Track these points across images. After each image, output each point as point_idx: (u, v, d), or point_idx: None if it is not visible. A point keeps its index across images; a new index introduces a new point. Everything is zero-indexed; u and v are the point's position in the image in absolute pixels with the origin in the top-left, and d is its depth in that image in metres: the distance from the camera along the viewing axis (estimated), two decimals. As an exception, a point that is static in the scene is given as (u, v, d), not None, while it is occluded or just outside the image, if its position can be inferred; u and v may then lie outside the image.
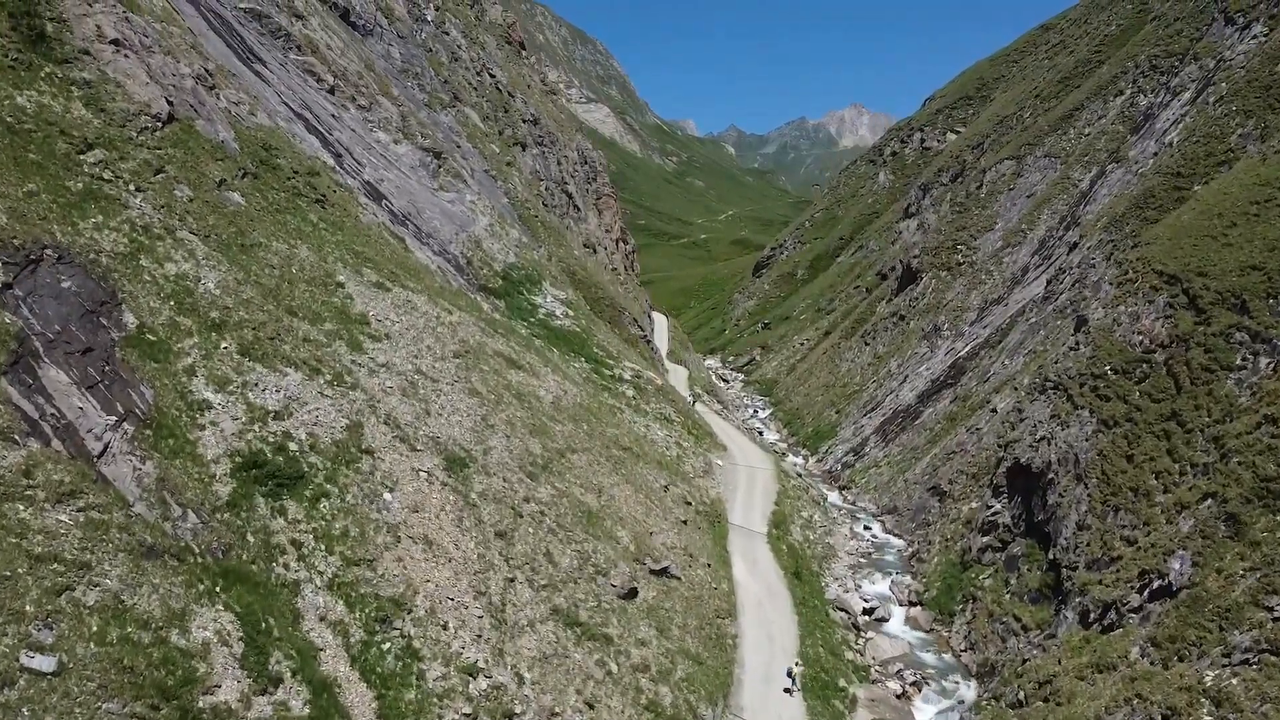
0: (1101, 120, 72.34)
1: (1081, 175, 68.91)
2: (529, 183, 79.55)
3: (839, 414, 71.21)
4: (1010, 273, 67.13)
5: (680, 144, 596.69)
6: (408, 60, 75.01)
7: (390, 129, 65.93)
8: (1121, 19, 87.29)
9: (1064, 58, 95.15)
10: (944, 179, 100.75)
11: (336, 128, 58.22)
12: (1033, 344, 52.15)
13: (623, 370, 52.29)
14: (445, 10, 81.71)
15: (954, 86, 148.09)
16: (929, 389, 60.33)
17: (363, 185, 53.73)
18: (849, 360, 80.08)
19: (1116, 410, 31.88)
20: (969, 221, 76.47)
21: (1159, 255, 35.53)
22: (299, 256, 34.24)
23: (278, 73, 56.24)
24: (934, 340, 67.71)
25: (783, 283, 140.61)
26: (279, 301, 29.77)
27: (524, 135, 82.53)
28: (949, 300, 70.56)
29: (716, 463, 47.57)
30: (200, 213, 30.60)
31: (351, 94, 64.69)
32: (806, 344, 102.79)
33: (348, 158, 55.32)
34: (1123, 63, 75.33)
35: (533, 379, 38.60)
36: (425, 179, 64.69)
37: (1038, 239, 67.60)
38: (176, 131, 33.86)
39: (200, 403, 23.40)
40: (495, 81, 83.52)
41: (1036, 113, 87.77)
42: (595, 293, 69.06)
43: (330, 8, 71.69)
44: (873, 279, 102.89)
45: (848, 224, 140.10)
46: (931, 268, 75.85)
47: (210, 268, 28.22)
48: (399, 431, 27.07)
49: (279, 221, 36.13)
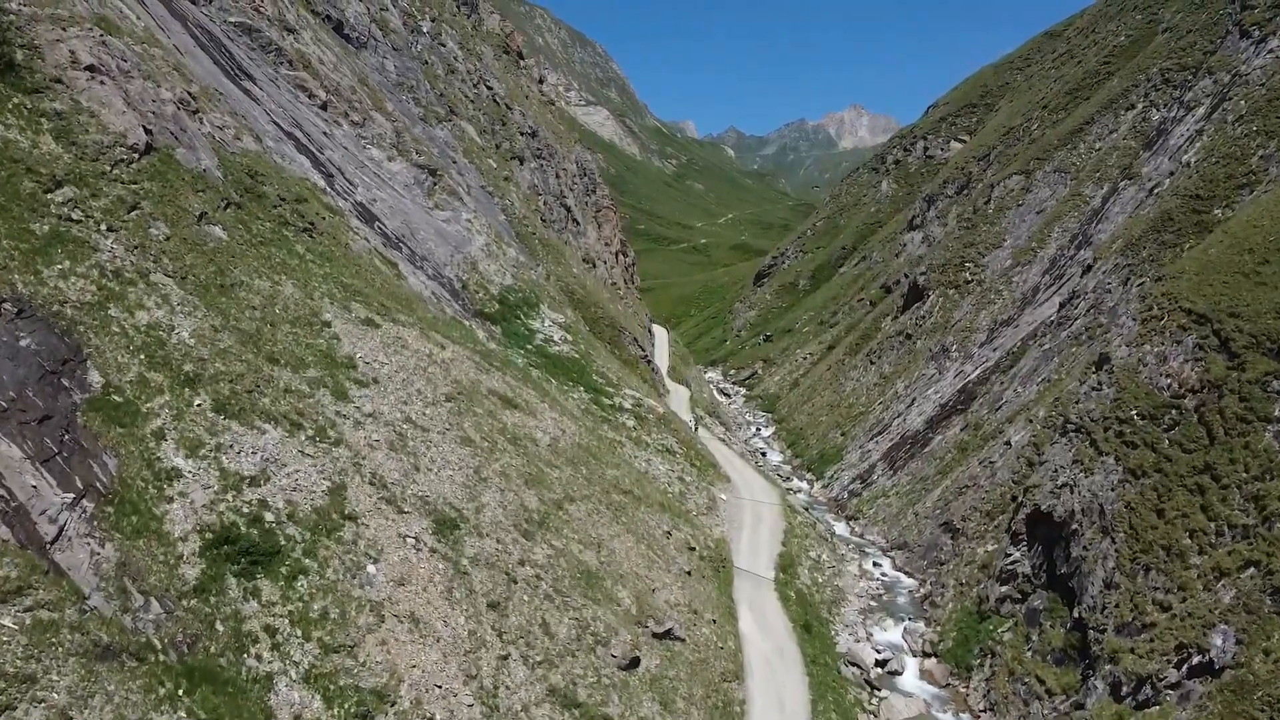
0: (1113, 135, 70.66)
1: (1093, 192, 67.23)
2: (527, 198, 77.87)
3: (844, 436, 69.50)
4: (1020, 292, 65.44)
5: (680, 146, 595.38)
6: (403, 73, 73.36)
7: (384, 145, 64.31)
8: (1131, 29, 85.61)
9: (1071, 68, 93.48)
10: (949, 190, 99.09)
11: (328, 146, 56.58)
12: (1046, 371, 50.48)
13: (623, 399, 50.61)
14: (441, 21, 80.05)
15: (957, 94, 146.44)
16: (938, 414, 58.65)
17: (355, 207, 52.07)
18: (854, 379, 78.36)
19: (1144, 459, 30.19)
20: (977, 238, 74.77)
21: (1186, 291, 33.86)
22: (283, 295, 32.52)
23: (268, 89, 54.59)
24: (942, 361, 66.03)
25: (784, 293, 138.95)
26: (259, 348, 28.06)
27: (522, 148, 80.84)
28: (957, 320, 68.89)
29: (720, 497, 45.89)
30: (177, 252, 28.90)
31: (344, 110, 63.08)
32: (809, 358, 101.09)
33: (339, 178, 53.67)
34: (1133, 75, 73.67)
35: (529, 419, 36.88)
36: (420, 197, 63.05)
37: (1048, 257, 65.92)
38: (155, 163, 32.19)
39: (169, 471, 21.71)
40: (492, 94, 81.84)
41: (1044, 125, 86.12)
42: (594, 312, 67.36)
43: (323, 20, 70.11)
44: (877, 292, 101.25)
45: (850, 233, 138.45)
46: (939, 285, 74.16)
47: (186, 314, 26.54)
48: (385, 492, 25.38)
49: (263, 255, 34.42)
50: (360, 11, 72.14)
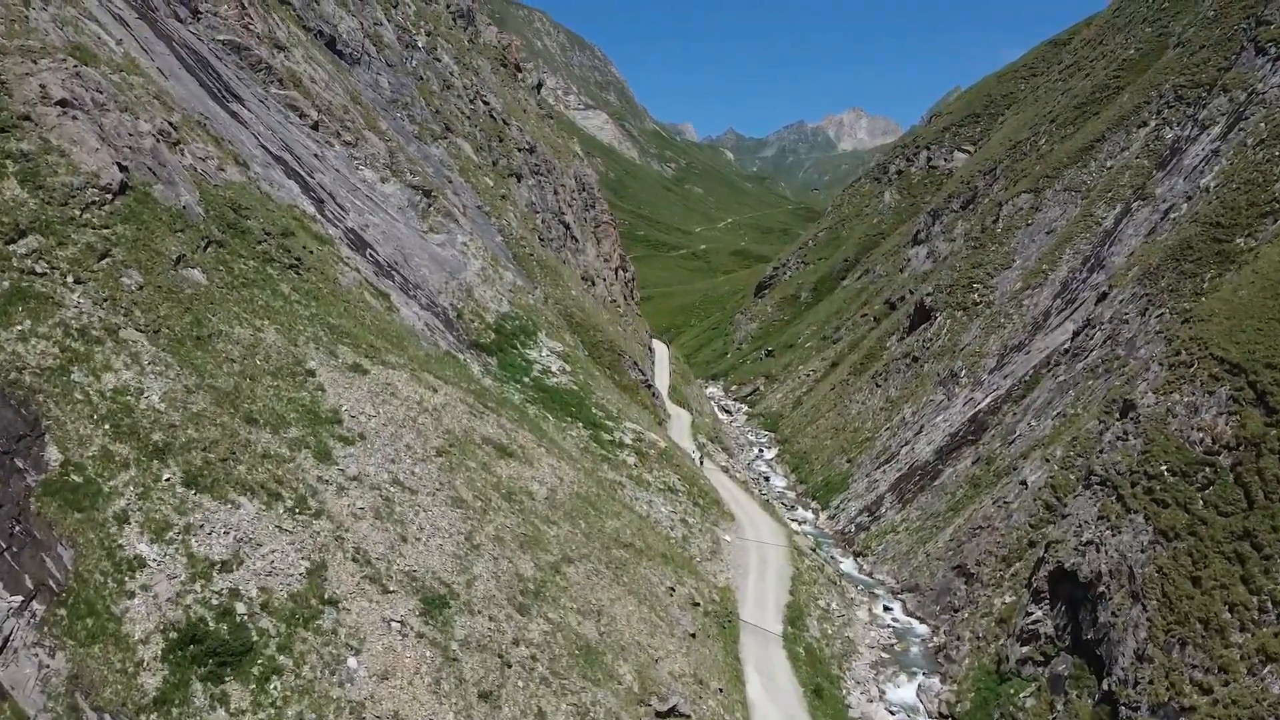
0: (1124, 153, 68.98)
1: (1105, 212, 65.54)
2: (524, 216, 76.15)
3: (850, 463, 67.78)
4: (1031, 316, 63.73)
5: (679, 150, 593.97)
6: (397, 90, 71.65)
7: (377, 166, 62.61)
8: (1140, 42, 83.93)
9: (1079, 80, 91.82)
10: (954, 205, 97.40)
11: (319, 169, 54.86)
12: (1062, 405, 48.78)
13: (623, 433, 48.89)
14: (437, 35, 78.35)
15: (960, 103, 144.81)
16: (947, 444, 56.96)
17: (345, 234, 50.33)
18: (859, 402, 76.62)
19: (1177, 520, 28.47)
20: (985, 258, 73.07)
21: (1217, 337, 32.15)
22: (265, 343, 30.73)
23: (257, 110, 52.85)
24: (950, 387, 64.32)
25: (786, 305, 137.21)
26: (237, 407, 26.29)
27: (519, 165, 79.13)
28: (966, 343, 67.19)
29: (724, 539, 44.17)
30: (151, 302, 27.14)
31: (336, 129, 61.39)
32: (812, 375, 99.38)
33: (330, 203, 51.94)
34: (1145, 92, 71.98)
35: (525, 468, 35.14)
36: (414, 220, 61.35)
37: (1059, 280, 64.22)
38: (130, 203, 30.45)
39: (131, 560, 19.97)
40: (489, 109, 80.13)
41: (1052, 139, 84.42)
42: (594, 336, 65.65)
43: (315, 36, 68.42)
44: (881, 307, 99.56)
45: (852, 245, 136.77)
46: (946, 307, 72.45)
47: (157, 374, 24.79)
48: (369, 569, 23.63)
49: (245, 299, 32.65)
50: (353, 27, 70.45)
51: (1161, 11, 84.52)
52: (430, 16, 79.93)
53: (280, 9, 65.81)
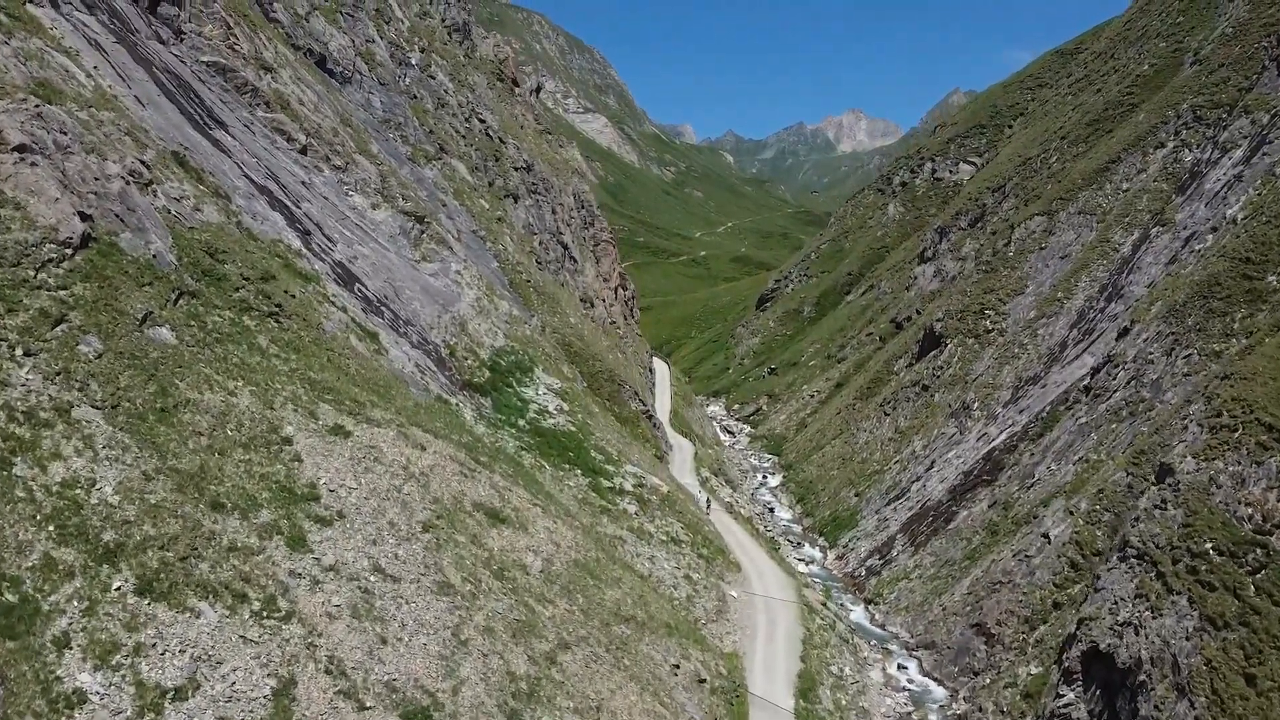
0: (1141, 175, 66.73)
1: (1122, 238, 63.30)
2: (522, 239, 73.91)
3: (858, 497, 65.51)
4: (1046, 347, 61.47)
5: (678, 153, 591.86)
6: (389, 110, 69.38)
7: (368, 191, 60.34)
8: (1154, 58, 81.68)
9: (1091, 96, 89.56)
10: (962, 223, 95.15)
11: (306, 197, 52.55)
12: (1084, 449, 46.52)
13: (623, 478, 46.63)
14: (432, 52, 76.06)
15: (966, 114, 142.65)
16: (961, 483, 54.70)
17: (333, 268, 48.05)
18: (866, 431, 74.33)
19: (1226, 606, 26.22)
20: (997, 283, 70.79)
21: (1263, 400, 29.90)
22: (237, 409, 28.35)
23: (241, 136, 50.56)
24: (963, 420, 62.04)
25: (788, 320, 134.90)
26: (202, 492, 23.95)
27: (516, 185, 76.86)
28: (978, 374, 64.91)
29: (731, 594, 41.91)
30: (110, 372, 24.79)
31: (325, 154, 59.13)
32: (817, 396, 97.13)
33: (316, 235, 49.63)
34: (1162, 111, 69.75)
35: (519, 535, 32.85)
36: (406, 248, 59.11)
37: (1075, 309, 61.96)
38: (92, 257, 28.11)
39: (70, 696, 17.64)
40: (485, 127, 77.88)
41: (1064, 157, 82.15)
42: (593, 366, 63.39)
43: (305, 55, 66.16)
44: (887, 326, 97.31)
45: (856, 258, 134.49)
46: (957, 334, 70.17)
47: (112, 460, 22.48)
48: (344, 681, 21.33)
49: (218, 357, 30.27)
50: (344, 45, 68.17)
51: (1176, 26, 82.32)
52: (424, 32, 77.69)
53: (268, 28, 63.60)
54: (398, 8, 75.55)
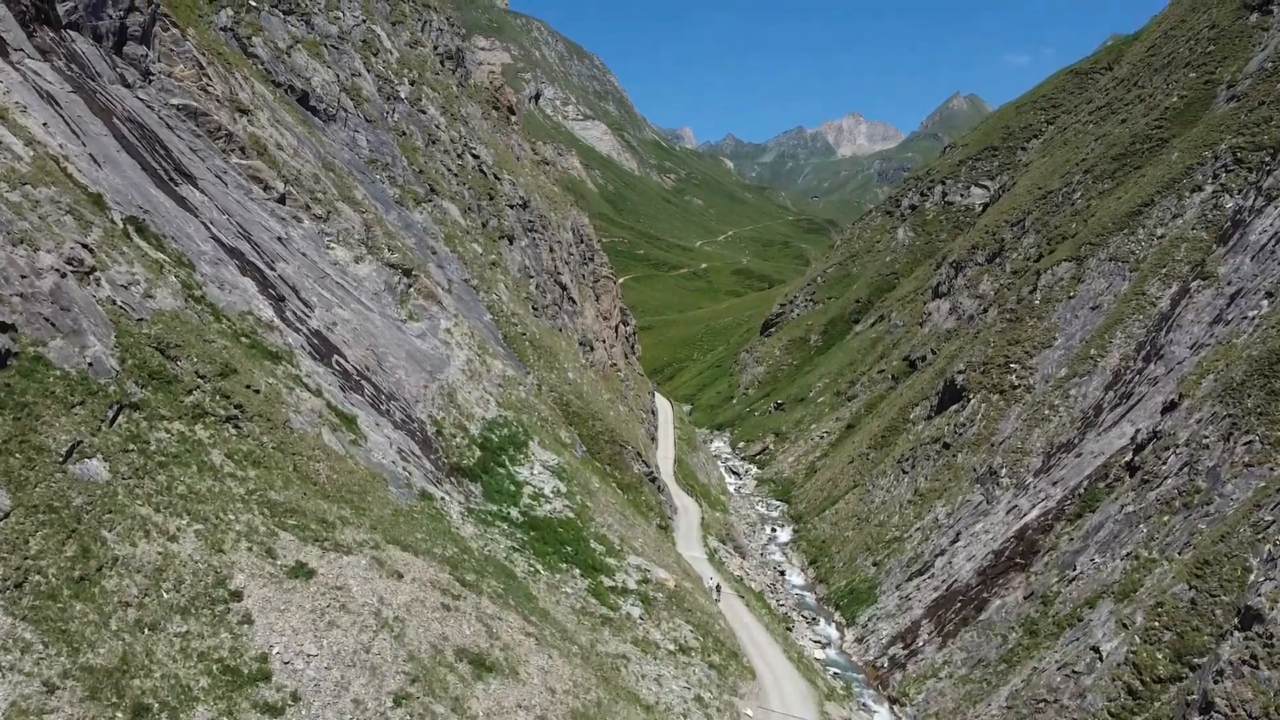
0: (1177, 221, 62.54)
1: (1160, 291, 59.08)
2: (517, 284, 69.70)
3: (877, 567, 61.26)
4: (1080, 409, 57.23)
5: (678, 160, 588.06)
6: (376, 149, 65.20)
7: (351, 243, 56.15)
8: (1184, 89, 77.50)
9: (1115, 126, 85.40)
10: (979, 257, 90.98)
11: (282, 255, 48.31)
12: (1132, 543, 42.31)
13: (626, 574, 42.42)
14: (422, 84, 71.84)
15: (976, 135, 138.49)
16: (991, 564, 50.52)
17: (308, 339, 43.79)
18: (883, 489, 70.10)
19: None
20: (1022, 334, 66.56)
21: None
22: (178, 560, 23.96)
23: (212, 190, 46.32)
24: (990, 488, 57.85)
25: (794, 349, 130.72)
26: (122, 694, 19.59)
27: (511, 225, 72.65)
28: (1005, 435, 60.67)
29: (746, 713, 37.70)
30: (17, 538, 20.44)
31: (305, 202, 54.92)
32: (827, 438, 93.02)
33: (292, 300, 45.39)
34: (1198, 151, 65.56)
35: (509, 686, 28.58)
36: (391, 306, 54.90)
37: (1110, 369, 57.73)
38: (9, 380, 23.67)
39: None
40: (479, 163, 73.67)
41: (1089, 194, 78.00)
42: (593, 426, 59.18)
43: (286, 92, 62.01)
44: (900, 364, 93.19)
45: (864, 284, 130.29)
46: (980, 388, 65.92)
47: (6, 669, 18.20)
48: None
49: (160, 488, 25.87)
50: (328, 80, 63.98)
51: (1207, 56, 78.16)
52: (415, 62, 73.50)
53: (245, 65, 59.44)
54: (386, 38, 71.39)
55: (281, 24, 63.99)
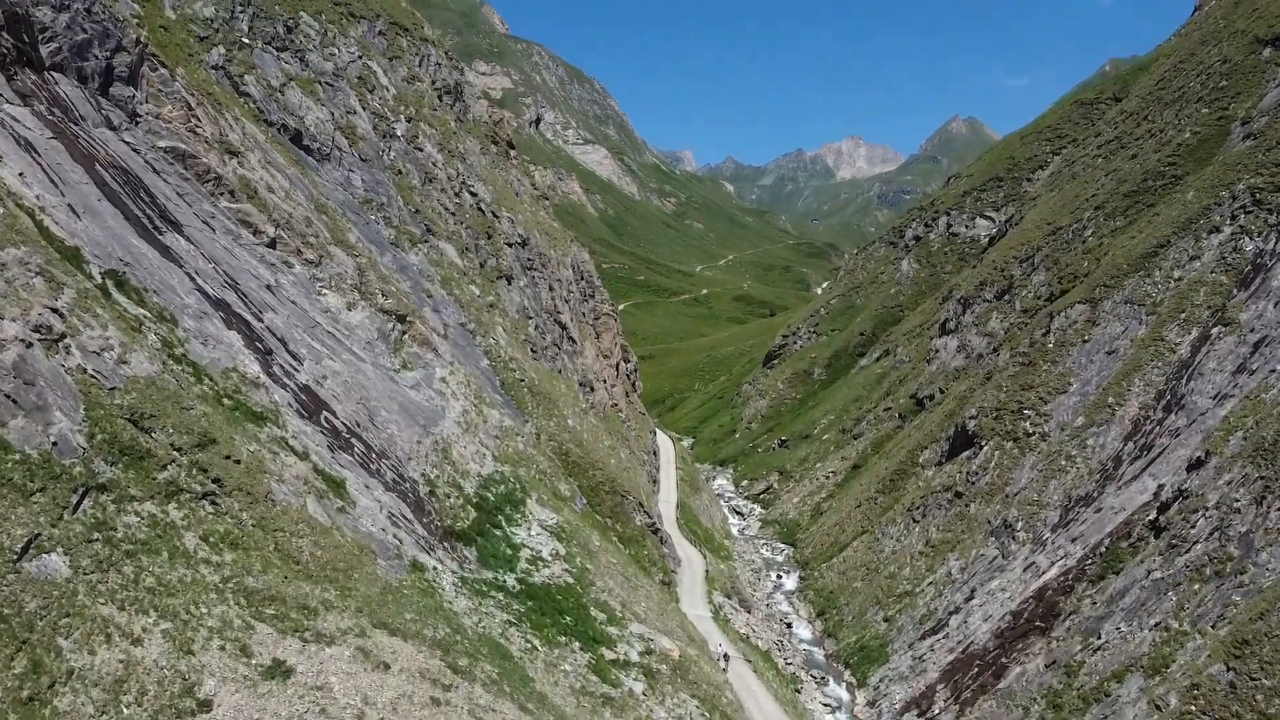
0: (1194, 263, 60.73)
1: (1179, 337, 57.19)
2: (515, 325, 67.84)
3: (888, 623, 59.03)
4: (1098, 460, 55.21)
5: (678, 184, 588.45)
6: (371, 188, 63.52)
7: (344, 288, 54.31)
8: (1197, 125, 75.96)
9: (1125, 162, 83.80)
10: (987, 294, 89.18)
11: (271, 305, 46.40)
12: (1160, 612, 40.19)
13: (629, 645, 40.26)
14: (419, 121, 70.29)
15: (981, 166, 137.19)
16: (1010, 626, 48.35)
17: (296, 395, 41.85)
18: (893, 538, 67.92)
19: None
20: (1036, 379, 64.61)
21: None
22: (141, 667, 21.92)
23: (199, 237, 44.50)
24: (1005, 542, 55.74)
25: (798, 382, 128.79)
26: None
27: (510, 265, 70.92)
28: (1020, 486, 58.61)
29: (755, 798, 35.50)
30: (-47, 661, 18.45)
31: (297, 246, 53.10)
32: (833, 478, 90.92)
33: (280, 354, 43.47)
34: (1214, 190, 63.87)
35: (502, 796, 26.43)
36: (384, 355, 52.98)
37: (1129, 418, 55.75)
38: (-40, 472, 21.86)
39: None
40: (477, 201, 72.03)
41: (1101, 232, 76.30)
42: (593, 476, 57.15)
43: (279, 131, 60.40)
44: (907, 403, 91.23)
45: (868, 317, 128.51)
46: (993, 435, 63.90)
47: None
48: None
49: (127, 580, 23.83)
50: (322, 118, 62.41)
51: (1219, 91, 76.68)
52: (412, 99, 71.99)
53: (237, 104, 57.88)
54: (383, 74, 69.92)
55: (275, 61, 62.52)
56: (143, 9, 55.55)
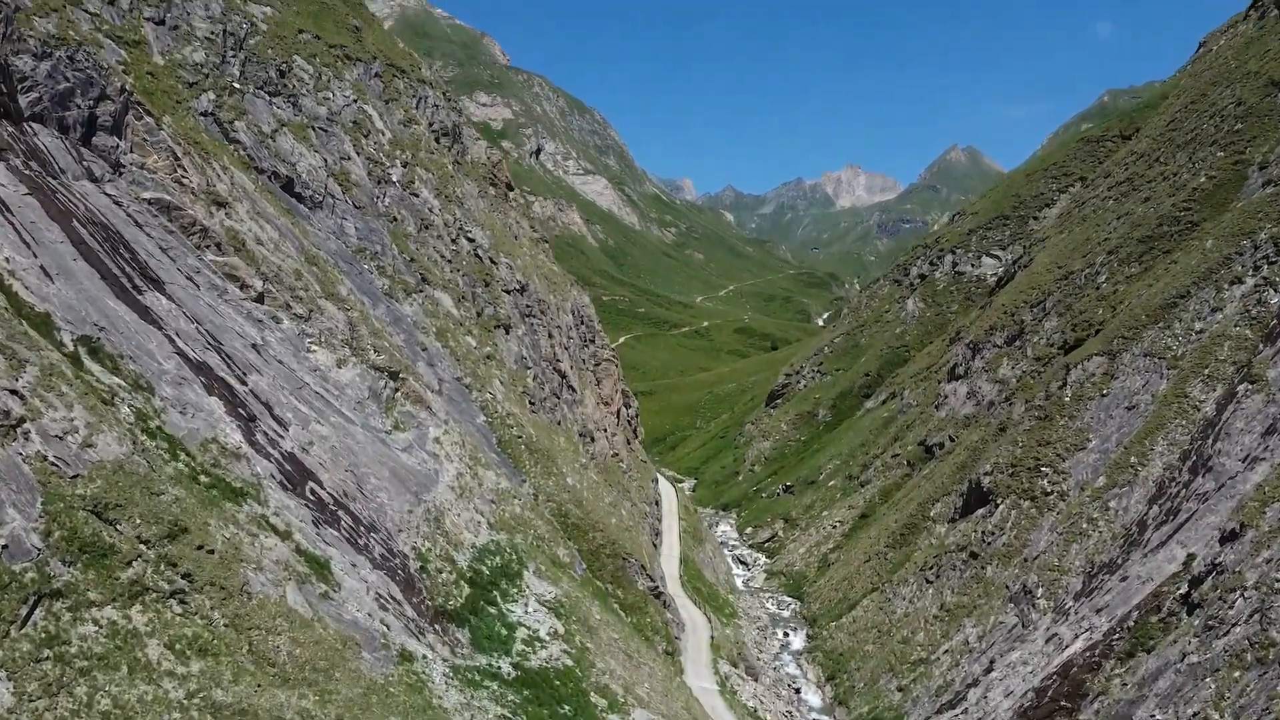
0: (1216, 315, 58.63)
1: (1203, 394, 54.96)
2: (514, 376, 65.63)
3: (902, 694, 56.33)
4: (1121, 523, 52.81)
5: (679, 214, 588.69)
6: (365, 237, 61.60)
7: (334, 344, 52.20)
8: (1212, 169, 74.17)
9: (1138, 205, 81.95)
10: (997, 339, 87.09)
11: (256, 365, 44.25)
12: (1199, 701, 37.62)
13: (632, 735, 37.74)
14: (415, 165, 68.47)
15: (986, 204, 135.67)
16: (1033, 705, 45.77)
17: (280, 465, 39.64)
18: (905, 599, 65.33)
19: None
20: (1053, 434, 62.32)
21: None
22: (85, 819, 19.63)
23: (182, 295, 42.43)
24: (1025, 609, 53.22)
25: (802, 424, 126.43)
26: None
27: (508, 313, 68.84)
28: (1039, 549, 56.14)
29: None
30: None
31: (286, 300, 51.08)
32: (840, 527, 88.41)
33: (264, 419, 41.29)
34: (1234, 239, 61.92)
35: None
36: (375, 415, 50.76)
37: (1153, 479, 53.41)
38: (-111, 591, 19.68)
39: None
40: (475, 247, 70.08)
41: (1115, 278, 74.29)
42: (593, 539, 54.72)
43: (270, 179, 58.62)
44: (915, 449, 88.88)
45: (874, 357, 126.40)
46: (1009, 493, 61.51)
47: None
48: None
49: (78, 706, 21.60)
50: (315, 165, 60.59)
51: (1234, 134, 74.97)
52: (408, 142, 70.23)
53: (226, 152, 56.12)
54: (378, 118, 68.20)
55: (267, 106, 60.77)
56: (129, 55, 53.85)
